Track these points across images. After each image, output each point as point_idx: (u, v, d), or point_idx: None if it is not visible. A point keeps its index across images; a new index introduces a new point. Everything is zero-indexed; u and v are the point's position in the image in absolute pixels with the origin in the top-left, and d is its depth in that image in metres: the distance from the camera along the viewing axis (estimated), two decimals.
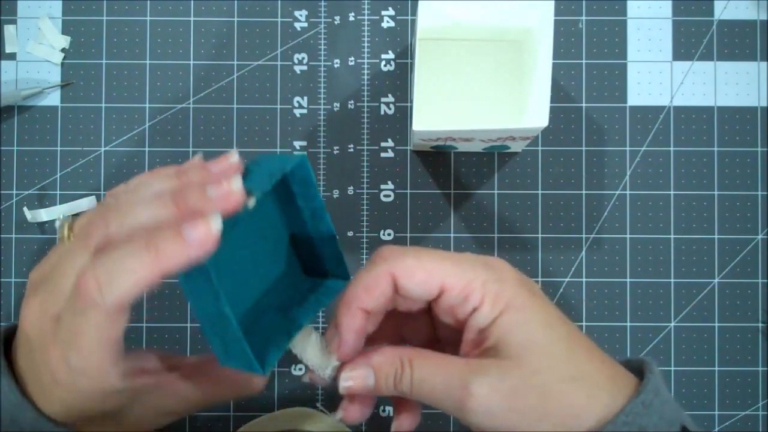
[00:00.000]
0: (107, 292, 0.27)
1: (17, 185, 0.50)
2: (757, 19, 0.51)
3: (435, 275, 0.31)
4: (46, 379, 0.30)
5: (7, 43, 0.50)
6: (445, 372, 0.30)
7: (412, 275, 0.31)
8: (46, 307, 0.30)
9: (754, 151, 0.50)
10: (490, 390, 0.29)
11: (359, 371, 0.31)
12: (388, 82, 0.50)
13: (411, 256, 0.31)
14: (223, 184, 0.28)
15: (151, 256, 0.27)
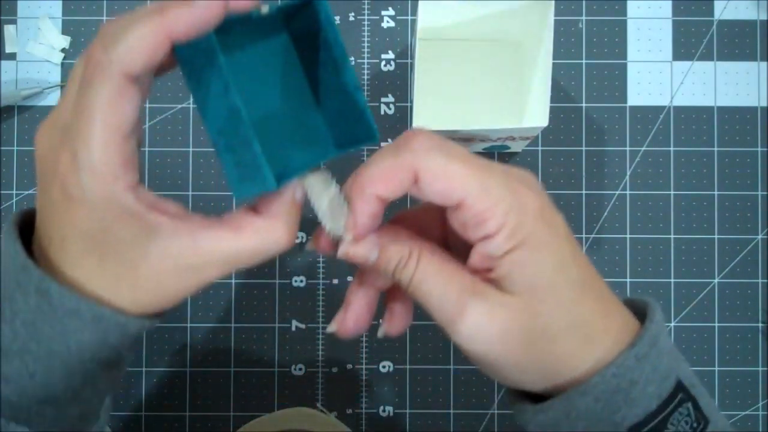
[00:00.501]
0: (112, 52, 0.25)
1: (17, 185, 0.50)
2: (757, 19, 0.51)
3: (457, 188, 0.29)
4: (59, 206, 0.28)
5: (7, 43, 0.50)
6: (447, 281, 0.29)
7: (434, 181, 0.29)
8: (55, 120, 0.28)
9: (754, 151, 0.50)
10: (484, 318, 0.28)
11: (366, 243, 0.30)
12: (388, 82, 0.50)
13: (440, 156, 0.29)
14: None
15: (155, 18, 0.25)
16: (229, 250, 0.29)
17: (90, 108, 0.26)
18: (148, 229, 0.28)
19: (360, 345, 0.50)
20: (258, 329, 0.49)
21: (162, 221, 0.28)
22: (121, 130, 0.27)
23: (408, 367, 0.49)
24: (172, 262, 0.28)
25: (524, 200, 0.29)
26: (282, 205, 0.29)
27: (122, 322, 0.28)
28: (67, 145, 0.27)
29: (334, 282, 0.49)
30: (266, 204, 0.29)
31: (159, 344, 0.49)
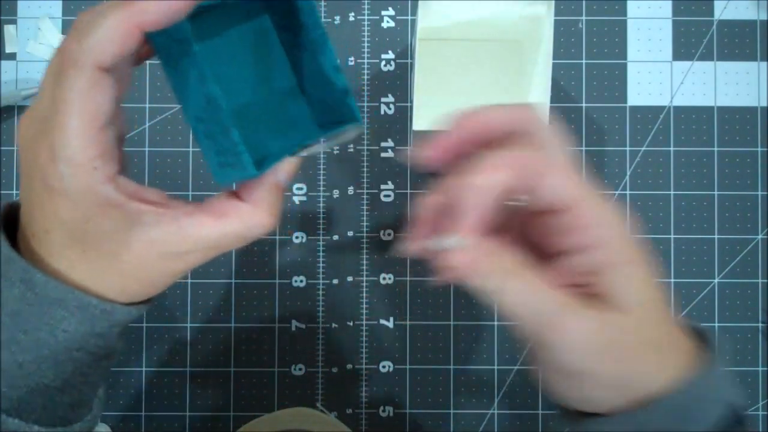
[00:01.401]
0: (84, 43, 0.26)
1: (17, 185, 0.50)
2: (757, 19, 0.51)
3: (575, 190, 0.28)
4: (41, 198, 0.28)
5: (7, 43, 0.50)
6: (544, 292, 0.28)
7: (557, 177, 0.28)
8: (34, 112, 0.28)
9: (754, 151, 0.50)
10: (586, 332, 0.28)
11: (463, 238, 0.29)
12: (388, 82, 0.50)
13: (563, 154, 0.29)
14: None
15: (125, 8, 0.26)
16: (214, 235, 0.29)
17: (65, 100, 0.26)
18: (130, 219, 0.28)
19: (360, 345, 0.50)
20: (258, 329, 0.49)
21: (144, 210, 0.28)
22: (96, 120, 0.27)
23: (408, 367, 0.49)
24: (156, 250, 0.28)
25: (619, 218, 0.30)
26: (264, 190, 0.29)
27: (108, 309, 0.28)
28: (45, 137, 0.27)
29: (334, 282, 0.49)
30: (248, 189, 0.29)
31: (159, 344, 0.49)
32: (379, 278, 0.50)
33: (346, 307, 0.50)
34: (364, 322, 0.49)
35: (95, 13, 0.26)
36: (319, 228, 0.50)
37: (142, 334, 0.49)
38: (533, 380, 0.49)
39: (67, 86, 0.26)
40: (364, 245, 0.50)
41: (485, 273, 0.29)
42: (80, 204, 0.27)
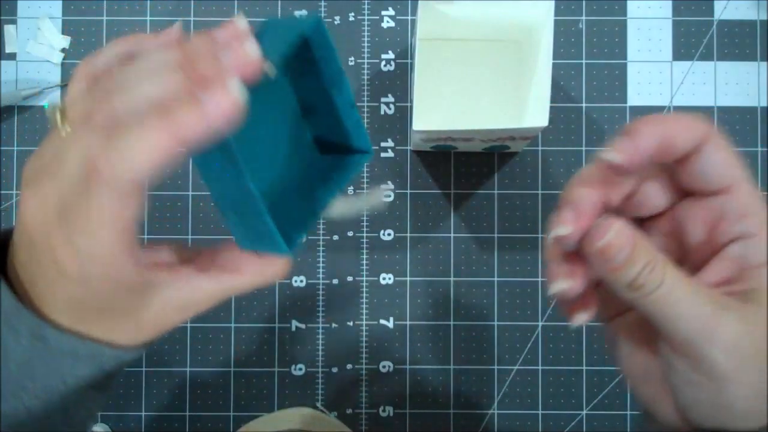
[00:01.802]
0: (120, 167, 0.24)
1: (17, 185, 0.50)
2: (757, 19, 0.51)
3: (735, 168, 0.26)
4: (50, 275, 0.26)
5: (7, 43, 0.50)
6: (696, 291, 0.25)
7: (718, 151, 0.26)
8: (47, 197, 0.26)
9: (754, 151, 0.50)
10: (742, 334, 0.25)
11: (621, 236, 0.25)
12: (388, 82, 0.50)
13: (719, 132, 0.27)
14: (237, 47, 0.25)
15: (166, 127, 0.24)
16: (229, 290, 0.29)
17: (92, 216, 0.25)
18: (148, 287, 0.28)
19: (360, 345, 0.50)
20: (258, 329, 0.49)
21: (160, 277, 0.28)
22: (128, 233, 0.25)
23: (408, 367, 0.49)
24: (173, 306, 0.29)
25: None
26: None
27: (120, 354, 0.28)
28: (64, 232, 0.25)
29: (334, 282, 0.49)
30: None
31: (159, 344, 0.49)
32: (379, 278, 0.50)
33: (346, 307, 0.50)
34: (364, 322, 0.49)
35: (129, 126, 0.24)
36: (319, 228, 0.50)
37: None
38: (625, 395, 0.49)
39: (96, 201, 0.25)
40: (364, 245, 0.50)
41: (644, 261, 0.25)
42: (97, 289, 0.26)
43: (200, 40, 0.26)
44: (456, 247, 0.50)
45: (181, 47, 0.26)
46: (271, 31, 0.28)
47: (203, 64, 0.25)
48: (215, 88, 0.24)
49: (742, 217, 0.26)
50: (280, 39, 0.27)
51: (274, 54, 0.26)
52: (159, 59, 0.25)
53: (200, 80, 0.24)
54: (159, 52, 0.26)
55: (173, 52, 0.26)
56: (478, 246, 0.50)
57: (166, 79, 0.25)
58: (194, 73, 0.25)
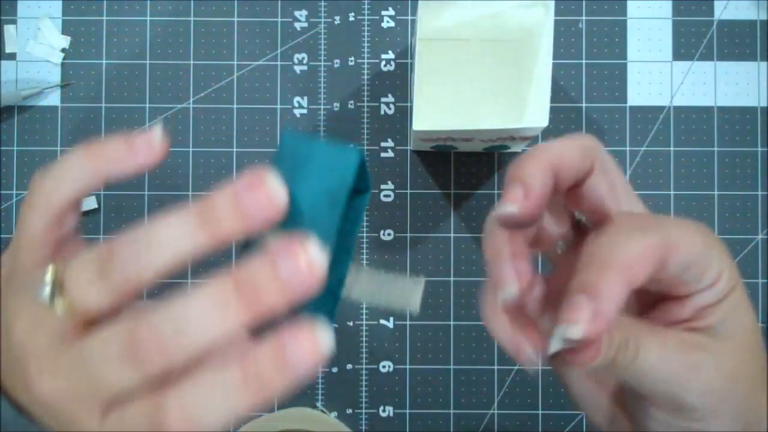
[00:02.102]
0: (197, 424, 0.22)
1: (17, 185, 0.50)
2: (757, 19, 0.51)
3: (700, 254, 0.26)
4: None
5: (7, 43, 0.50)
6: (665, 346, 0.26)
7: (688, 254, 0.25)
8: (83, 397, 0.23)
9: (754, 151, 0.50)
10: (712, 371, 0.26)
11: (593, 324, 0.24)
12: (388, 82, 0.50)
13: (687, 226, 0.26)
14: (300, 258, 0.22)
15: (251, 395, 0.22)
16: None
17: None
18: None
19: (360, 345, 0.50)
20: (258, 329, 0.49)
21: None
22: None
23: (408, 367, 0.49)
24: None
25: (720, 243, 0.27)
26: None
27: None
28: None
29: None
30: None
31: None
32: None
33: (346, 308, 0.50)
34: (364, 322, 0.49)
35: (204, 386, 0.22)
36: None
37: None
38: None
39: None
40: (364, 245, 0.50)
41: (616, 346, 0.25)
42: None
43: (259, 265, 0.22)
44: (456, 247, 0.50)
45: (235, 276, 0.22)
46: (307, 175, 0.24)
47: (265, 288, 0.22)
48: (303, 338, 0.22)
49: (701, 274, 0.26)
50: (323, 194, 0.24)
51: (323, 231, 0.23)
52: (209, 292, 0.22)
53: (262, 312, 0.22)
54: (210, 287, 0.23)
55: (225, 280, 0.23)
56: (478, 246, 0.50)
57: (223, 317, 0.22)
58: (256, 304, 0.22)
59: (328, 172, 0.24)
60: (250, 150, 0.50)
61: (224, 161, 0.50)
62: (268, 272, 0.22)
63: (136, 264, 0.23)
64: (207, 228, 0.23)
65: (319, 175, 0.24)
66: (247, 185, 0.23)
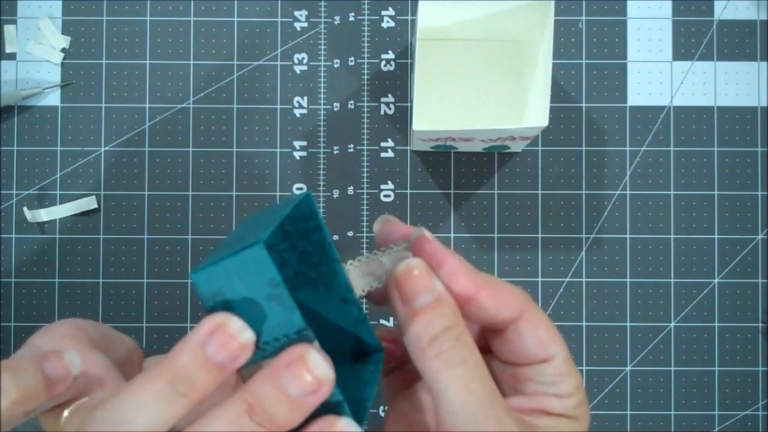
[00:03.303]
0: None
1: (17, 185, 0.50)
2: (757, 19, 0.51)
3: (549, 344, 0.27)
4: None
5: (7, 43, 0.50)
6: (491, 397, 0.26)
7: (537, 328, 0.27)
8: None
9: (754, 151, 0.50)
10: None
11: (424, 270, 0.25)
12: (388, 82, 0.50)
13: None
14: (304, 374, 0.22)
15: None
16: None
17: None
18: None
19: None
20: None
21: None
22: None
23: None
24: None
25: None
26: None
27: None
28: None
29: None
30: None
31: (159, 345, 0.49)
32: None
33: None
34: None
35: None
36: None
37: (142, 334, 0.49)
38: None
39: None
40: (364, 245, 0.50)
41: (446, 323, 0.25)
42: None
43: (268, 387, 0.23)
44: (456, 247, 0.50)
45: (244, 397, 0.23)
46: (234, 288, 0.23)
47: (276, 409, 0.23)
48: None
49: (556, 383, 0.26)
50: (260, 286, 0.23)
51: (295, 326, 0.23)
52: (225, 413, 0.23)
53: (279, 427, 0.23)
54: (225, 406, 0.23)
55: (237, 401, 0.23)
56: (478, 246, 0.50)
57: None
58: (274, 426, 0.23)
59: (250, 278, 0.23)
60: (249, 150, 0.50)
61: (224, 161, 0.50)
62: (276, 393, 0.22)
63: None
64: (182, 395, 0.23)
65: (246, 286, 0.23)
66: (209, 333, 0.23)
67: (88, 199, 0.49)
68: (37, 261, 0.49)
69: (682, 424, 0.49)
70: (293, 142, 0.50)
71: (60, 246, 0.50)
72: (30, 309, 0.49)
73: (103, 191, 0.50)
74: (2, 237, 0.50)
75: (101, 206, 0.50)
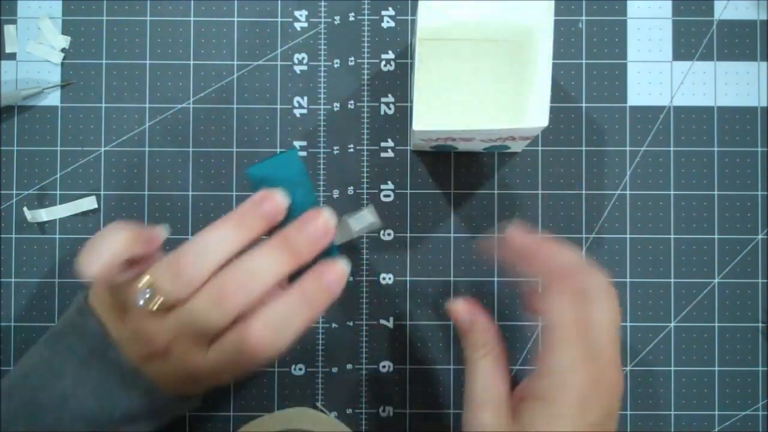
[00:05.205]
0: (278, 346, 0.34)
1: (17, 185, 0.50)
2: (757, 19, 0.51)
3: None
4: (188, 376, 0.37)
5: (7, 43, 0.50)
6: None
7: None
8: (189, 340, 0.35)
9: (754, 151, 0.50)
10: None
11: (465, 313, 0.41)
12: (388, 82, 0.50)
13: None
14: (319, 222, 0.36)
15: (308, 310, 0.34)
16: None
17: (237, 373, 0.38)
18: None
19: (360, 345, 0.50)
20: None
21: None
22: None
23: (408, 367, 0.49)
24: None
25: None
26: None
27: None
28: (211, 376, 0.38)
29: None
30: None
31: None
32: (379, 278, 0.50)
33: (346, 308, 0.50)
34: (364, 322, 0.49)
35: (277, 311, 0.35)
36: None
37: None
38: None
39: (246, 365, 0.36)
40: (364, 245, 0.50)
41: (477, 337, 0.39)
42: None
43: (295, 232, 0.36)
44: (456, 247, 0.50)
45: (281, 239, 0.36)
46: (278, 177, 0.38)
47: (299, 241, 0.36)
48: (332, 269, 0.36)
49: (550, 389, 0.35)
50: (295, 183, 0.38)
51: (313, 202, 0.38)
52: (268, 251, 0.36)
53: (301, 259, 0.36)
54: (267, 247, 0.36)
55: (275, 242, 0.36)
56: (478, 246, 0.50)
57: (276, 262, 0.35)
58: (297, 254, 0.36)
59: (287, 171, 0.38)
60: (250, 150, 0.50)
61: (224, 161, 0.50)
62: (301, 235, 0.36)
63: (200, 269, 0.35)
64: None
65: (284, 175, 0.38)
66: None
67: (88, 199, 0.49)
68: (37, 261, 0.49)
69: (682, 424, 0.49)
70: (293, 142, 0.50)
71: (60, 246, 0.50)
72: (30, 309, 0.49)
73: (103, 191, 0.50)
74: (2, 237, 0.50)
75: (101, 206, 0.50)
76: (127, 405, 0.37)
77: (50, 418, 0.36)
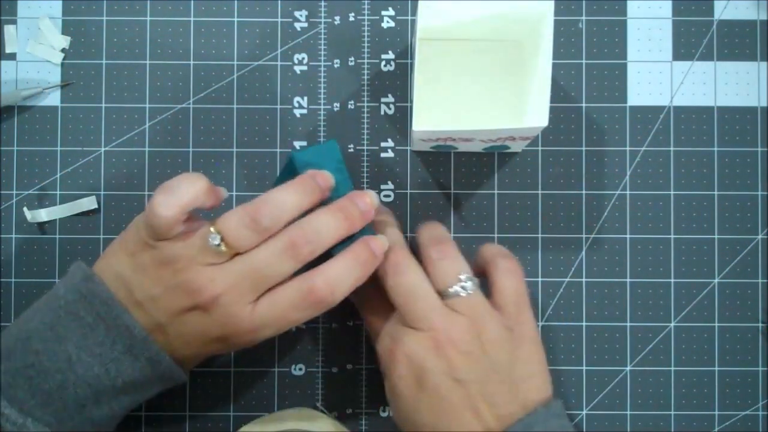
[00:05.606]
0: (336, 296, 0.39)
1: (17, 185, 0.50)
2: (757, 19, 0.51)
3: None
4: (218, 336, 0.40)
5: (7, 43, 0.50)
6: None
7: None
8: (245, 289, 0.38)
9: (754, 151, 0.50)
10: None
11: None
12: (388, 82, 0.50)
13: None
14: (366, 198, 0.41)
15: (361, 268, 0.39)
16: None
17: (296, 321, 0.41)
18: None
19: (360, 345, 0.50)
20: None
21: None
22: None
23: None
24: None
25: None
26: None
27: (185, 378, 0.42)
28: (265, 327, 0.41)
29: None
30: None
31: None
32: None
33: (346, 307, 0.49)
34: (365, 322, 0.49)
35: (337, 267, 0.40)
36: None
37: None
38: None
39: (311, 313, 0.40)
40: None
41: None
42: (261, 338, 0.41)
43: (349, 203, 0.41)
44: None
45: (339, 207, 0.41)
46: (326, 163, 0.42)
47: (352, 212, 0.40)
48: (379, 241, 0.40)
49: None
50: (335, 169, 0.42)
51: (351, 185, 0.43)
52: (329, 214, 0.40)
53: (354, 225, 0.40)
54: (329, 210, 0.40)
55: (336, 208, 0.41)
56: (479, 246, 0.50)
57: (336, 226, 0.40)
58: (351, 220, 0.40)
59: (328, 158, 0.42)
60: (250, 150, 0.50)
61: (224, 161, 0.50)
62: (354, 207, 0.40)
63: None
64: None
65: (326, 162, 0.42)
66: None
67: (88, 199, 0.49)
68: (37, 261, 0.49)
69: (682, 424, 0.49)
70: (293, 142, 0.50)
71: (60, 246, 0.50)
72: None
73: (103, 191, 0.50)
74: (2, 237, 0.50)
75: (101, 206, 0.50)
76: (129, 374, 0.39)
77: (53, 382, 0.37)
